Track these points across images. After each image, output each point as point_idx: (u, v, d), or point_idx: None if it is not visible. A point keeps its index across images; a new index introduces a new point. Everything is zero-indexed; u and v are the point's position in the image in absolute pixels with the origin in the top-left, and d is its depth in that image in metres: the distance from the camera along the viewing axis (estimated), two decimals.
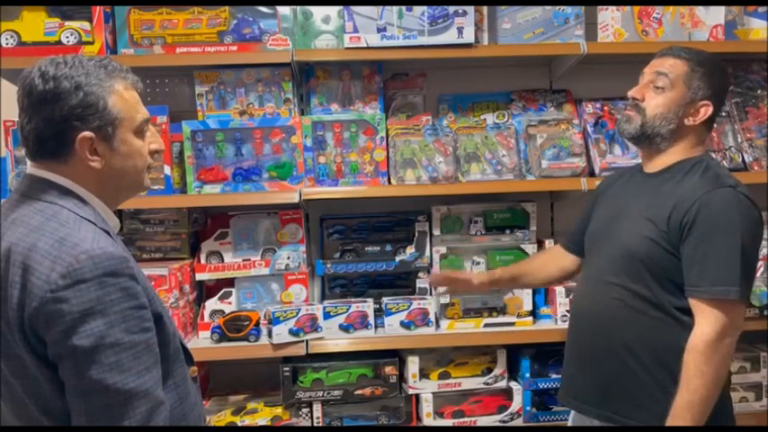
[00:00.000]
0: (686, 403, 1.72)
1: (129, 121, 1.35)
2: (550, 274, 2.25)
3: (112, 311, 1.20)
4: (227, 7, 2.50)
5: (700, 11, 2.57)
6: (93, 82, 1.30)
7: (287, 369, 2.52)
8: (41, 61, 1.32)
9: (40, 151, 1.32)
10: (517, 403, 2.57)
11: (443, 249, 2.61)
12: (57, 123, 1.28)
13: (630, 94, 1.92)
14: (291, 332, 2.46)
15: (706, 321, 1.73)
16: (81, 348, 1.18)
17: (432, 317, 2.55)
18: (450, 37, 2.46)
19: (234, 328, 2.48)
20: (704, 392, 1.72)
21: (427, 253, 2.61)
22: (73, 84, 1.28)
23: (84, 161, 1.31)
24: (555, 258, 2.24)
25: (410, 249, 2.62)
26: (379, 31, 2.45)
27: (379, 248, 2.65)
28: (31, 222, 1.26)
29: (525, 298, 2.59)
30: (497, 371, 2.59)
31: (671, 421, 1.74)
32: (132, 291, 1.24)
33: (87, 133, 1.29)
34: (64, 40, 2.44)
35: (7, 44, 2.42)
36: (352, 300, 2.61)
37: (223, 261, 2.61)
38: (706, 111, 1.86)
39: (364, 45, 2.46)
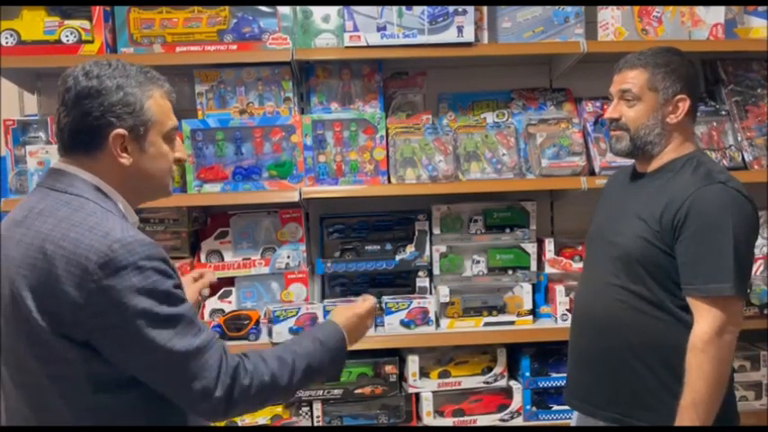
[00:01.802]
0: (690, 403, 1.71)
1: (161, 126, 1.41)
2: None
3: (157, 290, 1.27)
4: (226, 6, 2.50)
5: (700, 9, 2.57)
6: (133, 84, 1.37)
7: None
8: (85, 62, 1.39)
9: (72, 144, 1.38)
10: (517, 402, 2.57)
11: (443, 248, 2.61)
12: (94, 118, 1.34)
13: (607, 116, 1.94)
14: (292, 331, 2.46)
15: (704, 319, 1.72)
16: (138, 330, 1.24)
17: (432, 316, 2.55)
18: (450, 36, 2.46)
19: (234, 326, 2.48)
20: (707, 391, 1.71)
21: (427, 252, 2.61)
22: (115, 83, 1.35)
23: (115, 158, 1.36)
24: None
25: (410, 248, 2.61)
26: (378, 29, 2.45)
27: (378, 247, 2.64)
28: (58, 214, 1.31)
29: (525, 297, 2.59)
30: (497, 370, 2.59)
31: (678, 423, 1.74)
32: (168, 272, 1.31)
33: (121, 130, 1.35)
34: (63, 39, 2.44)
35: (7, 43, 2.42)
36: (353, 299, 2.61)
37: (223, 260, 2.61)
38: (684, 104, 1.86)
39: (364, 44, 2.46)
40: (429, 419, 2.55)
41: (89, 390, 1.29)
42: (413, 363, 2.55)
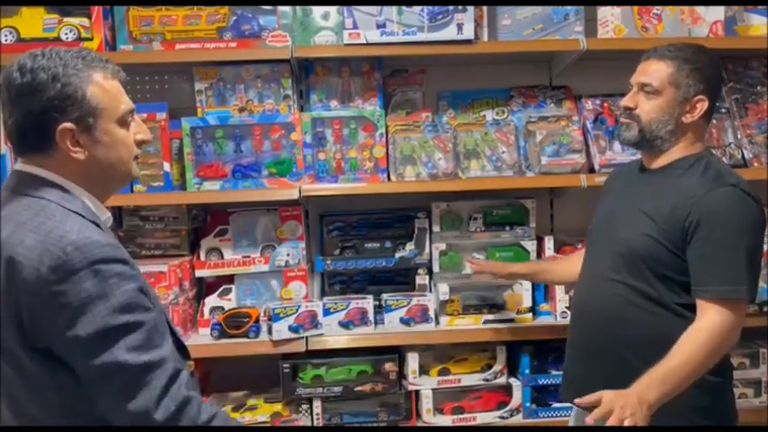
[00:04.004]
0: (663, 373, 1.65)
1: (111, 112, 1.33)
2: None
3: (112, 296, 1.21)
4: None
5: (699, 7, 2.57)
6: (70, 72, 1.29)
7: (287, 366, 2.52)
8: (21, 55, 1.32)
9: (23, 145, 1.32)
10: (517, 399, 2.58)
11: (443, 246, 2.61)
12: (36, 116, 1.28)
13: (623, 103, 1.92)
14: (291, 329, 2.46)
15: (716, 313, 1.71)
16: (87, 338, 1.19)
17: (431, 313, 2.55)
18: (449, 33, 2.46)
19: (233, 324, 2.48)
20: (684, 375, 1.67)
21: (427, 250, 2.61)
22: (50, 75, 1.27)
23: (67, 153, 1.30)
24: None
25: (410, 246, 2.61)
26: (378, 27, 2.45)
27: (378, 245, 2.64)
28: (19, 219, 1.26)
29: (525, 294, 2.59)
30: (497, 367, 2.59)
31: (640, 386, 1.64)
32: (128, 274, 1.25)
33: (67, 125, 1.28)
34: (63, 37, 2.43)
35: (6, 40, 2.42)
36: (352, 296, 2.61)
37: (223, 258, 2.61)
38: (702, 105, 1.85)
39: (364, 41, 2.45)
40: (429, 417, 2.55)
41: (62, 398, 1.26)
42: (413, 360, 2.55)
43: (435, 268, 2.61)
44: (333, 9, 2.54)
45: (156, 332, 1.26)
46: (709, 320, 1.72)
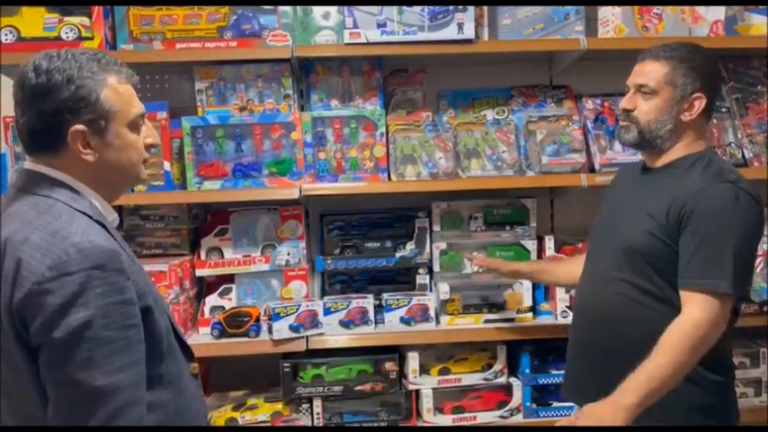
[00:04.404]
0: (645, 378, 1.67)
1: (123, 115, 1.34)
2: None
3: (94, 306, 1.20)
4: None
5: (700, 6, 2.57)
6: (85, 75, 1.30)
7: (287, 365, 2.52)
8: (36, 56, 1.32)
9: (34, 145, 1.33)
10: (517, 399, 2.58)
11: (443, 245, 2.61)
12: (49, 116, 1.29)
13: (621, 106, 1.93)
14: (291, 328, 2.46)
15: (696, 306, 1.72)
16: (58, 340, 1.19)
17: (431, 313, 2.55)
18: (450, 33, 2.46)
19: (234, 324, 2.48)
20: (668, 373, 1.68)
21: (427, 249, 2.61)
22: (65, 77, 1.28)
23: (77, 154, 1.31)
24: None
25: (410, 245, 2.61)
26: (379, 26, 2.45)
27: (378, 245, 2.64)
28: (25, 217, 1.27)
29: (525, 294, 2.59)
30: (497, 367, 2.59)
31: (619, 392, 1.68)
32: (119, 285, 1.24)
33: (79, 126, 1.29)
34: (63, 36, 2.44)
35: (7, 39, 2.42)
36: (353, 296, 2.61)
37: (223, 257, 2.61)
38: (700, 103, 1.86)
39: (364, 41, 2.45)
40: (429, 416, 2.55)
41: (45, 400, 1.24)
42: (413, 360, 2.55)
43: (436, 268, 2.61)
44: (333, 8, 2.54)
45: (128, 351, 1.24)
46: (689, 315, 1.72)
